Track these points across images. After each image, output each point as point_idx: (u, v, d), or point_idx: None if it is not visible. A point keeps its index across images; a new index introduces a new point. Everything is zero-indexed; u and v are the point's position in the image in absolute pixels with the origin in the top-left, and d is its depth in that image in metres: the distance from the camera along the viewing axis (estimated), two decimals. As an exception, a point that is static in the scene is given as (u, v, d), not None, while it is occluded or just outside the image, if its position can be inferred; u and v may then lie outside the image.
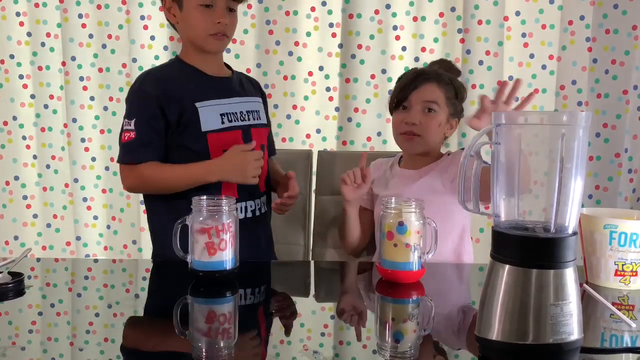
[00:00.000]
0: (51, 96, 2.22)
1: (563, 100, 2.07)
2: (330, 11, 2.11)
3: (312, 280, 1.34)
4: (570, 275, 0.79)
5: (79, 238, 2.25)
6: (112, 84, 2.19)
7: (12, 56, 2.19)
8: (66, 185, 2.26)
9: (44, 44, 2.18)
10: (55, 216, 2.28)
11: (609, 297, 1.04)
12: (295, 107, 2.15)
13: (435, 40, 2.10)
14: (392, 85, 1.62)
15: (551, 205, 0.81)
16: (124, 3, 2.13)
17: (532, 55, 2.06)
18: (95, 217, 2.25)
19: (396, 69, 2.09)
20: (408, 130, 1.48)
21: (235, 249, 1.11)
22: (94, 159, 2.22)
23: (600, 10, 2.00)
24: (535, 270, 0.79)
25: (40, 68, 2.19)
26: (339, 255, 1.70)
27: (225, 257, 1.08)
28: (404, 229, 1.09)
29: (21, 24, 2.18)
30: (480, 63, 2.02)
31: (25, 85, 2.21)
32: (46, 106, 2.22)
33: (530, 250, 0.80)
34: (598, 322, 0.98)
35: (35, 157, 2.25)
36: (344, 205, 1.51)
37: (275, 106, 2.14)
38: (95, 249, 2.26)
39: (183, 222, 1.10)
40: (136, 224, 2.22)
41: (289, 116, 2.14)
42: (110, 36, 2.16)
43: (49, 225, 2.28)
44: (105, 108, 2.20)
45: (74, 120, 2.19)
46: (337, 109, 2.14)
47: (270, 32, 2.11)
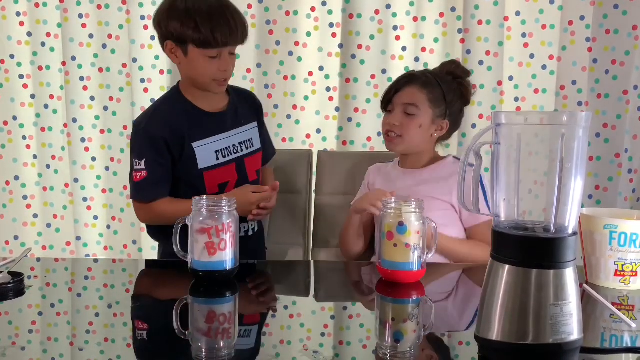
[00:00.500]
0: (51, 96, 2.22)
1: (563, 100, 2.07)
2: (330, 11, 2.11)
3: (312, 280, 1.34)
4: (570, 275, 0.79)
5: (79, 238, 2.25)
6: (112, 84, 2.19)
7: (12, 56, 2.19)
8: (66, 185, 2.26)
9: (44, 44, 2.18)
10: (55, 216, 2.28)
11: (608, 297, 1.04)
12: (295, 107, 2.14)
13: (436, 40, 2.10)
14: (392, 86, 1.63)
15: (551, 205, 0.81)
16: (124, 3, 2.13)
17: (532, 56, 2.06)
18: (96, 217, 2.25)
19: (396, 69, 2.08)
20: (389, 131, 1.54)
21: (235, 249, 1.11)
22: (94, 158, 2.22)
23: (600, 10, 2.00)
24: (535, 271, 0.79)
25: (40, 68, 2.19)
26: (339, 256, 1.70)
27: (225, 257, 1.08)
28: (404, 229, 1.09)
29: (21, 23, 2.18)
30: (481, 63, 2.02)
31: (25, 85, 2.21)
32: (46, 106, 2.22)
33: (530, 250, 0.80)
34: (598, 322, 0.98)
35: (35, 157, 2.25)
36: (351, 214, 1.51)
37: (276, 106, 2.14)
38: (95, 249, 2.26)
39: (183, 222, 1.10)
40: (136, 224, 2.22)
41: (289, 116, 2.14)
42: (110, 36, 2.16)
43: (49, 225, 2.28)
44: (106, 108, 2.20)
45: (74, 120, 2.19)
46: (337, 109, 2.14)
47: (271, 32, 2.11)
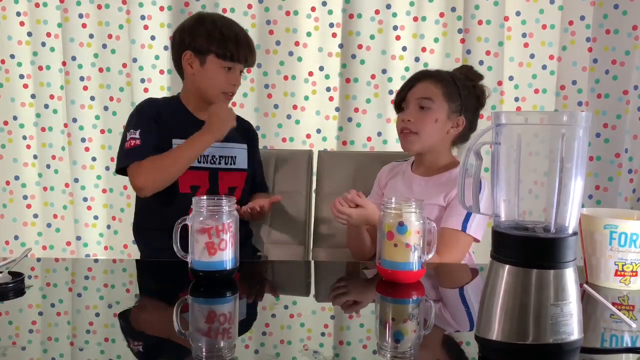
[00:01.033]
0: (51, 96, 2.22)
1: (563, 100, 2.07)
2: (330, 11, 2.11)
3: (312, 280, 1.34)
4: (570, 275, 0.79)
5: (79, 238, 2.25)
6: (113, 84, 2.19)
7: (13, 56, 2.19)
8: (66, 185, 2.26)
9: (44, 44, 2.19)
10: (55, 216, 2.28)
11: (609, 297, 1.04)
12: (295, 107, 2.15)
13: (436, 40, 2.10)
14: (393, 85, 1.63)
15: (551, 205, 0.81)
16: (124, 3, 2.13)
17: (533, 56, 2.06)
18: (96, 217, 2.25)
19: (396, 69, 2.09)
20: (404, 127, 1.50)
21: (236, 249, 1.11)
22: (94, 158, 2.22)
23: (600, 10, 2.00)
24: (535, 271, 0.78)
25: (40, 68, 2.20)
26: (339, 256, 1.70)
27: (225, 257, 1.08)
28: (404, 229, 1.09)
29: (22, 23, 2.19)
30: (481, 63, 2.02)
31: (25, 85, 2.22)
32: (46, 106, 2.22)
33: (530, 250, 0.79)
34: (598, 322, 0.98)
35: (35, 157, 2.25)
36: (348, 227, 1.48)
37: (276, 106, 2.14)
38: (95, 248, 2.26)
39: (183, 222, 1.10)
40: (136, 224, 2.22)
41: (289, 116, 2.15)
42: (110, 36, 2.17)
43: (49, 225, 2.28)
44: (106, 108, 2.20)
45: (74, 120, 2.19)
46: (338, 109, 2.14)
47: (271, 32, 2.12)
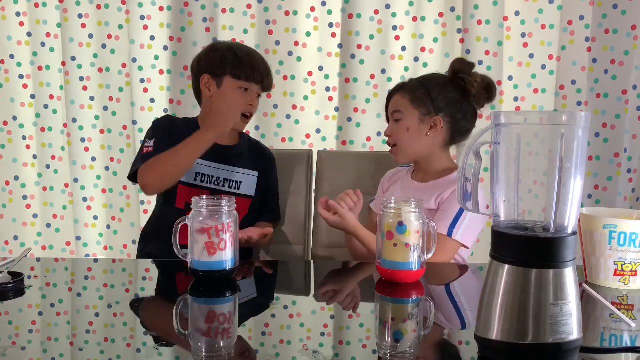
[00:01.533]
0: (51, 96, 2.22)
1: (563, 100, 2.07)
2: (330, 11, 2.11)
3: (312, 280, 1.34)
4: (569, 275, 0.79)
5: (79, 238, 2.25)
6: (112, 84, 2.19)
7: (12, 56, 2.19)
8: (66, 185, 2.26)
9: (44, 44, 2.18)
10: (55, 216, 2.28)
11: (608, 297, 1.04)
12: (295, 107, 2.15)
13: (435, 40, 2.10)
14: (392, 85, 1.63)
15: (551, 205, 0.81)
16: (123, 3, 2.13)
17: (532, 55, 2.06)
18: (95, 217, 2.25)
19: (396, 69, 2.09)
20: (388, 143, 1.59)
21: (235, 249, 1.11)
22: (94, 159, 2.22)
23: (599, 10, 2.00)
24: (534, 270, 0.79)
25: (40, 68, 2.19)
26: (339, 256, 1.70)
27: (225, 257, 1.08)
28: (404, 229, 1.09)
29: (21, 24, 2.18)
30: (480, 63, 2.02)
31: (25, 85, 2.21)
32: (46, 106, 2.22)
33: (530, 250, 0.80)
34: (598, 322, 0.98)
35: (35, 157, 2.25)
36: (348, 234, 1.46)
37: (275, 106, 2.14)
38: (95, 249, 2.26)
39: (183, 222, 1.10)
40: (136, 224, 2.22)
41: (288, 116, 2.15)
42: (110, 36, 2.16)
43: (48, 225, 2.28)
44: (105, 108, 2.20)
45: (74, 120, 2.19)
46: (337, 109, 2.14)
47: (270, 32, 2.11)
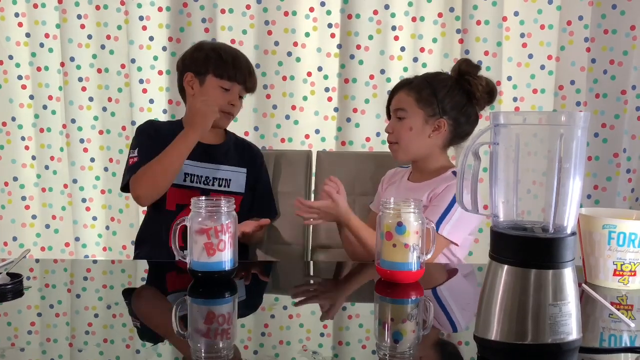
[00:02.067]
0: (50, 97, 2.21)
1: (562, 100, 2.07)
2: (329, 11, 2.11)
3: (312, 280, 1.34)
4: (568, 275, 0.79)
5: (77, 239, 2.24)
6: (111, 85, 2.18)
7: (11, 57, 2.18)
8: (65, 186, 2.25)
9: (42, 45, 2.18)
10: (54, 217, 2.27)
11: (607, 297, 1.04)
12: (294, 108, 2.14)
13: (434, 40, 2.10)
14: (391, 86, 1.63)
15: (550, 205, 0.81)
16: (122, 4, 2.13)
17: (531, 56, 2.06)
18: (94, 218, 2.25)
19: (395, 69, 2.09)
20: (388, 139, 1.57)
21: (234, 249, 1.11)
22: (92, 159, 2.22)
23: (598, 10, 2.00)
24: (534, 271, 0.79)
25: (39, 69, 2.19)
26: (339, 256, 1.70)
27: (224, 258, 1.08)
28: (403, 229, 1.09)
29: (20, 24, 2.18)
30: (479, 63, 2.01)
31: (24, 86, 2.21)
32: (45, 107, 2.21)
33: (529, 250, 0.80)
34: (597, 322, 0.98)
35: (34, 158, 2.25)
36: (343, 226, 1.45)
37: (274, 106, 2.14)
38: (94, 249, 2.26)
39: (182, 222, 1.10)
40: (135, 225, 2.21)
41: (287, 116, 2.14)
42: (109, 37, 2.16)
43: (47, 226, 2.28)
44: (104, 109, 2.20)
45: (73, 120, 2.18)
46: (336, 110, 2.14)
47: (269, 33, 2.11)
